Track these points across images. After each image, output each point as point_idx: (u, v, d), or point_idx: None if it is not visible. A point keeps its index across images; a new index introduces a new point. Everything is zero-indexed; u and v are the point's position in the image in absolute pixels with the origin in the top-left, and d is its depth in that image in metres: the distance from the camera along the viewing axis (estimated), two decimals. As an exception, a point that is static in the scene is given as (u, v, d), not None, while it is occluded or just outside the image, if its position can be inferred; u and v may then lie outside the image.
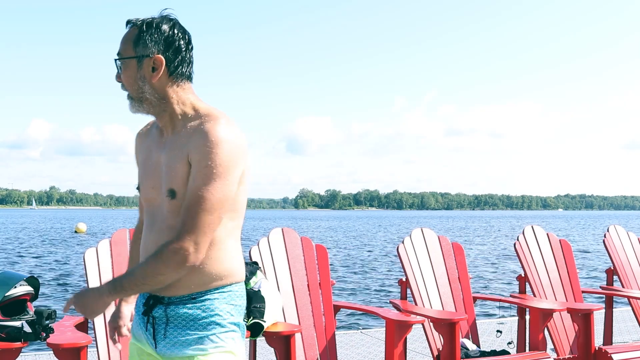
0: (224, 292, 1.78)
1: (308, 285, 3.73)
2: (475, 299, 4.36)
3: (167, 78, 1.75)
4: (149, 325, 1.79)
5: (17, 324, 2.73)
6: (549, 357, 3.77)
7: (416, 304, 3.98)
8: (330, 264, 4.90)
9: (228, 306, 1.79)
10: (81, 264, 13.27)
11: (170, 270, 1.67)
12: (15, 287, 2.77)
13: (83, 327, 3.18)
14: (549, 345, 4.19)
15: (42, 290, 6.85)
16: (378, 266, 18.59)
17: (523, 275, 4.48)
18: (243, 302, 1.85)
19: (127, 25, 1.77)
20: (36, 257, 20.81)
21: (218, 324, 1.77)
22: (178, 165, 1.70)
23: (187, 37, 1.79)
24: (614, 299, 5.08)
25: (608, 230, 5.23)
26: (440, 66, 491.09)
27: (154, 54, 1.73)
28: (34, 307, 2.86)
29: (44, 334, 2.77)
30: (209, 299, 1.76)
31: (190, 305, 1.75)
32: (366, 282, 14.58)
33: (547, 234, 4.74)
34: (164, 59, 1.74)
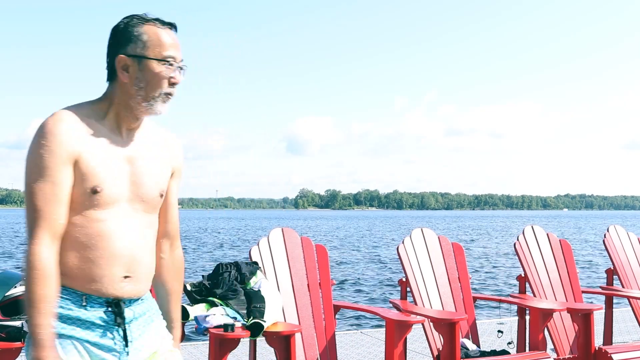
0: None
1: (308, 285, 3.73)
2: (475, 299, 4.36)
3: None
4: (119, 329, 1.68)
5: (17, 324, 2.72)
6: (549, 357, 3.77)
7: (416, 304, 3.98)
8: (331, 264, 4.90)
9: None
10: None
11: None
12: (15, 287, 2.77)
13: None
14: (549, 345, 4.19)
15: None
16: (378, 266, 18.59)
17: (523, 275, 4.48)
18: None
19: (175, 28, 1.73)
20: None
21: (159, 316, 1.87)
22: (166, 170, 1.83)
23: None
24: (614, 299, 5.08)
25: (608, 230, 5.22)
26: (440, 66, 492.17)
27: None
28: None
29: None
30: (148, 295, 1.84)
31: (144, 305, 1.79)
32: (366, 282, 14.59)
33: (547, 234, 4.74)
34: None
